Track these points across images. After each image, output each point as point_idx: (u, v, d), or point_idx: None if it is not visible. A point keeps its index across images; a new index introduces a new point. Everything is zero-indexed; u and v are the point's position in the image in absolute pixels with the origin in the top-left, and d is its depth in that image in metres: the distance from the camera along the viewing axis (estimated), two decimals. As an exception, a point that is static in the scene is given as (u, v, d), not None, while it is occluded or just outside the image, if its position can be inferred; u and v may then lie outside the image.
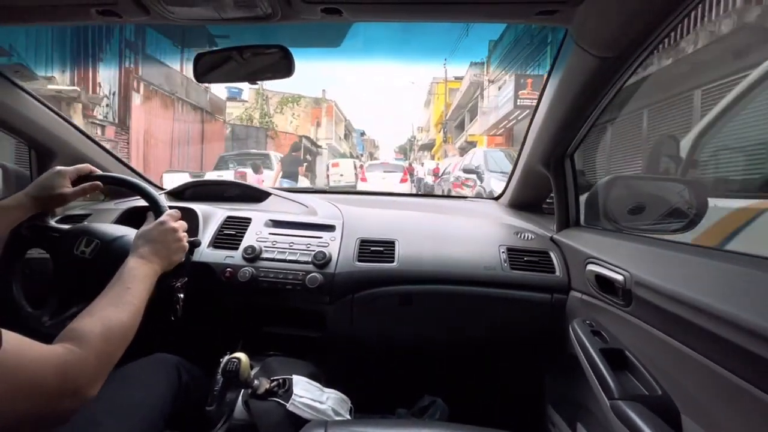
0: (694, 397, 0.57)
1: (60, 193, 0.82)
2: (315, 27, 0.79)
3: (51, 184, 0.81)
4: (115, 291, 0.64)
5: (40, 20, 0.86)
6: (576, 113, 0.91)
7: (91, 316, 0.57)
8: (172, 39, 11.47)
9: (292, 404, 0.77)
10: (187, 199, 1.37)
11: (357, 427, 0.65)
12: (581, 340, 0.79)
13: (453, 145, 21.71)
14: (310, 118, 22.47)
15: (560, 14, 0.69)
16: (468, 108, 19.77)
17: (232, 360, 0.78)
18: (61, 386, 0.48)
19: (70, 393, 0.49)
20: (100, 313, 0.58)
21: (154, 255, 0.73)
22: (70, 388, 0.49)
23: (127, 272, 0.67)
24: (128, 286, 0.65)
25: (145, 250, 0.73)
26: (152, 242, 0.74)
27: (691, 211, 0.92)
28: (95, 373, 0.53)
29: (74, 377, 0.50)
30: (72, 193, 0.84)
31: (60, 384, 0.48)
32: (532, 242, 1.11)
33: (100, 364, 0.54)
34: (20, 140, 1.17)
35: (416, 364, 1.31)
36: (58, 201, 0.84)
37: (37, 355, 0.47)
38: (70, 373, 0.49)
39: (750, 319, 0.46)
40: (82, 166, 0.87)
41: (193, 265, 1.00)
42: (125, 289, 0.64)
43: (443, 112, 23.48)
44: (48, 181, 0.82)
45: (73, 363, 0.50)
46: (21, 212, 0.80)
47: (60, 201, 0.84)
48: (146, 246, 0.74)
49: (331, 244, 1.08)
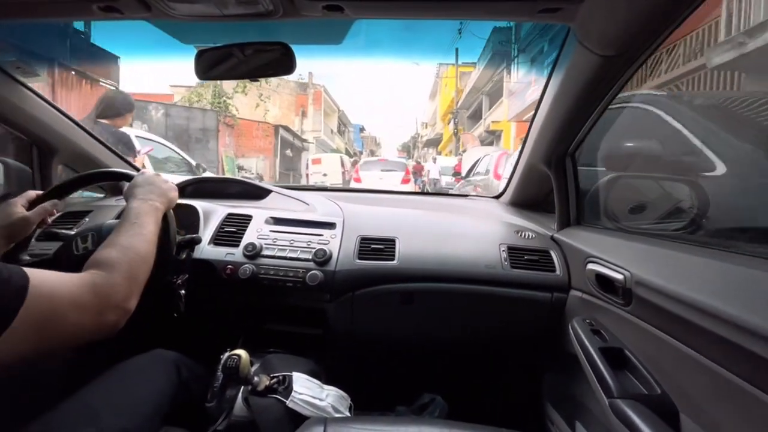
0: (692, 397, 0.57)
1: (20, 217, 0.79)
2: (316, 24, 0.79)
3: (5, 213, 0.79)
4: (125, 227, 0.67)
5: (41, 16, 0.86)
6: (578, 112, 0.91)
7: (109, 246, 0.62)
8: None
9: (291, 401, 0.77)
10: (188, 196, 1.37)
11: (356, 424, 0.65)
12: (581, 338, 0.79)
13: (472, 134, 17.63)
14: (295, 107, 18.65)
15: (563, 12, 0.69)
16: (487, 91, 16.41)
17: (232, 357, 0.78)
18: (99, 304, 0.54)
19: (109, 308, 0.55)
20: (117, 243, 0.63)
21: (151, 194, 0.76)
22: (109, 305, 0.55)
23: (130, 212, 0.71)
24: (135, 221, 0.68)
25: (141, 192, 0.76)
26: (143, 185, 0.78)
27: (692, 210, 0.92)
28: (127, 290, 0.58)
29: (108, 294, 0.55)
30: (34, 214, 0.82)
31: (98, 302, 0.53)
32: (532, 241, 1.11)
33: (129, 283, 0.59)
34: (22, 136, 1.18)
35: (416, 362, 1.31)
36: (22, 226, 0.81)
37: (68, 281, 0.53)
38: (104, 292, 0.55)
39: (750, 318, 0.46)
40: (27, 193, 0.84)
41: (193, 262, 1.00)
42: (133, 224, 0.68)
43: (453, 100, 19.32)
44: (1, 212, 0.79)
45: (103, 284, 0.55)
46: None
47: (24, 226, 0.81)
48: (140, 189, 0.77)
49: (331, 242, 1.08)
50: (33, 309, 0.46)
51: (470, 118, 20.44)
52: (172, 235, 0.86)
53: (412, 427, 0.66)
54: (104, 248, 0.62)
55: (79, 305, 0.51)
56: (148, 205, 0.74)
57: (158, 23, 0.93)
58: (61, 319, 0.50)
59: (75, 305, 0.51)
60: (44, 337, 0.48)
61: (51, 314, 0.49)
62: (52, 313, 0.49)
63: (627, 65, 0.75)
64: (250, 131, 13.49)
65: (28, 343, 0.47)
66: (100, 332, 0.54)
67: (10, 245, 0.81)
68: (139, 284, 0.62)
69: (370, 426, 0.65)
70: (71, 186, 0.90)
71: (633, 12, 0.64)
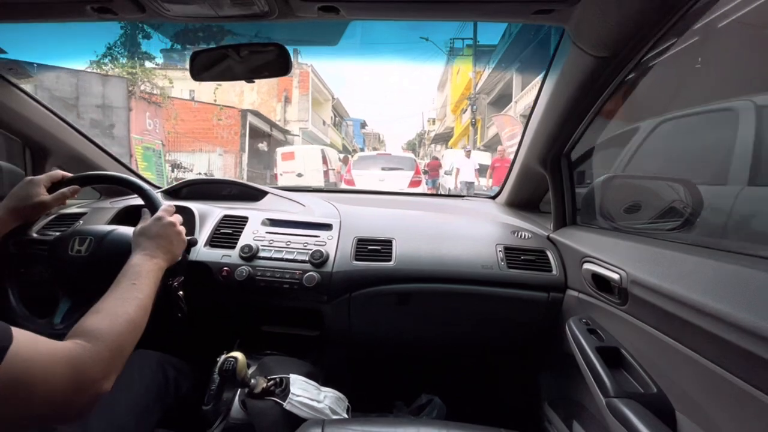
0: (688, 395, 0.58)
1: (38, 201, 0.79)
2: (312, 25, 0.79)
3: (27, 193, 0.79)
4: (120, 288, 0.64)
5: (35, 17, 0.85)
6: (573, 112, 0.92)
7: (98, 312, 0.57)
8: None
9: (289, 403, 0.77)
10: (184, 198, 1.37)
11: (354, 425, 0.65)
12: (577, 338, 0.79)
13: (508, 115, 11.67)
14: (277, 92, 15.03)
15: (557, 13, 0.70)
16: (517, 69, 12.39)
17: (228, 359, 0.77)
18: (75, 380, 0.48)
19: (84, 387, 0.49)
20: (108, 310, 0.58)
21: (158, 250, 0.73)
22: (85, 382, 0.49)
23: (131, 269, 0.67)
24: (133, 282, 0.65)
25: (148, 246, 0.73)
26: (154, 238, 0.74)
27: (686, 209, 0.92)
28: (108, 366, 0.53)
29: (87, 372, 0.49)
30: (52, 199, 0.82)
31: (74, 378, 0.48)
32: (529, 241, 1.12)
33: (112, 357, 0.54)
34: (15, 138, 1.17)
35: (414, 363, 1.31)
36: (38, 210, 0.82)
37: (48, 351, 0.47)
38: (82, 367, 0.49)
39: (745, 317, 0.46)
40: (53, 173, 0.84)
41: (189, 264, 1.00)
42: (131, 285, 0.64)
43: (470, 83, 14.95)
44: (23, 191, 0.79)
45: (85, 358, 0.50)
46: (1, 226, 0.78)
47: (40, 210, 0.82)
48: (148, 242, 0.73)
49: (328, 243, 1.08)
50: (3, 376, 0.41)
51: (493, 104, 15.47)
52: None
53: (410, 428, 0.66)
54: (93, 314, 0.57)
55: (51, 383, 0.45)
56: (153, 263, 0.70)
57: (152, 24, 0.93)
58: (29, 395, 0.43)
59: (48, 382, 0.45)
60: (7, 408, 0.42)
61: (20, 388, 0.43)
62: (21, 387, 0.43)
63: (621, 66, 0.76)
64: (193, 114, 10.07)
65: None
66: (67, 415, 0.49)
67: (19, 223, 0.81)
68: (124, 358, 0.57)
69: (367, 427, 0.65)
70: (97, 179, 0.91)
71: (626, 13, 0.65)
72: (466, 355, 1.28)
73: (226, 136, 11.04)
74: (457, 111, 20.88)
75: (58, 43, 12.22)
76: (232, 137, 11.06)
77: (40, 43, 9.67)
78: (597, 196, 1.08)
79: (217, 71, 0.92)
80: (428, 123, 35.49)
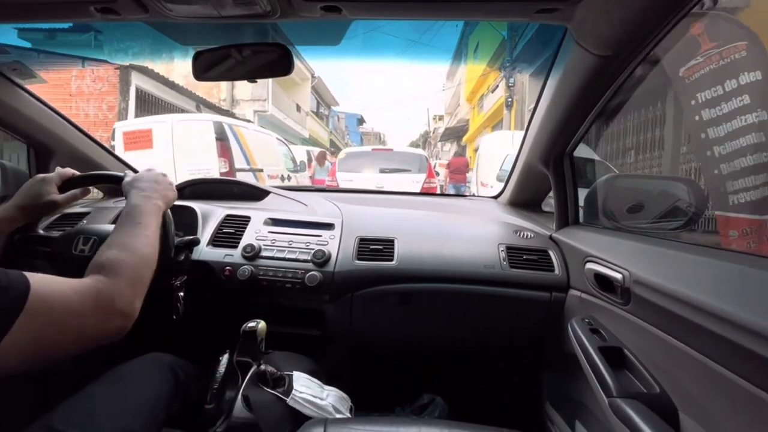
0: (692, 395, 0.57)
1: (50, 200, 0.80)
2: (314, 25, 0.79)
3: (38, 192, 0.79)
4: (127, 227, 0.66)
5: (38, 18, 0.85)
6: (575, 112, 0.91)
7: (112, 248, 0.60)
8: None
9: (292, 399, 0.77)
10: (186, 198, 1.37)
11: (356, 425, 0.65)
12: (580, 338, 0.79)
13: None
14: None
15: (560, 12, 0.69)
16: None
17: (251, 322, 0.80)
18: (103, 312, 0.52)
19: (112, 316, 0.54)
20: (121, 245, 0.61)
21: (155, 192, 0.75)
22: (112, 313, 0.54)
23: (133, 209, 0.69)
24: (138, 221, 0.67)
25: (143, 187, 0.75)
26: (145, 181, 0.77)
27: (689, 209, 0.92)
28: (130, 295, 0.57)
29: (112, 302, 0.54)
30: (63, 199, 0.82)
31: (101, 311, 0.52)
32: (531, 241, 1.11)
33: (132, 287, 0.57)
34: (19, 138, 1.17)
35: (415, 363, 1.31)
36: (48, 208, 0.82)
37: (69, 288, 0.51)
38: (107, 298, 0.53)
39: (748, 317, 0.46)
40: (64, 171, 0.84)
41: (192, 264, 1.00)
42: (136, 224, 0.66)
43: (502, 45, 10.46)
44: (34, 189, 0.79)
45: (107, 290, 0.54)
46: (8, 223, 0.78)
47: (50, 208, 0.82)
48: (143, 184, 0.76)
49: (330, 243, 1.08)
50: (32, 317, 0.45)
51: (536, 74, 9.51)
52: (171, 236, 0.85)
53: (412, 427, 0.66)
54: (108, 249, 0.60)
55: (80, 313, 0.50)
56: (152, 203, 0.72)
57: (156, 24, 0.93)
58: (62, 327, 0.48)
59: (77, 313, 0.50)
60: (44, 345, 0.47)
61: (51, 322, 0.47)
62: (52, 321, 0.47)
63: (624, 65, 0.76)
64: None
65: (28, 351, 0.46)
66: (105, 338, 0.53)
67: (27, 220, 0.81)
68: (144, 287, 0.60)
69: (370, 427, 0.65)
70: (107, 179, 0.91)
71: (629, 12, 0.65)
72: (468, 354, 1.28)
73: (96, 112, 6.47)
74: (474, 99, 16.12)
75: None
76: (104, 116, 6.42)
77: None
78: (599, 195, 1.08)
79: (219, 71, 0.92)
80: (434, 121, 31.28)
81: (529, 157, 1.17)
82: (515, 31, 9.69)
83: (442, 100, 26.46)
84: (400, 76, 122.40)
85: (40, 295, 0.47)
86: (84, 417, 0.61)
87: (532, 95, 9.56)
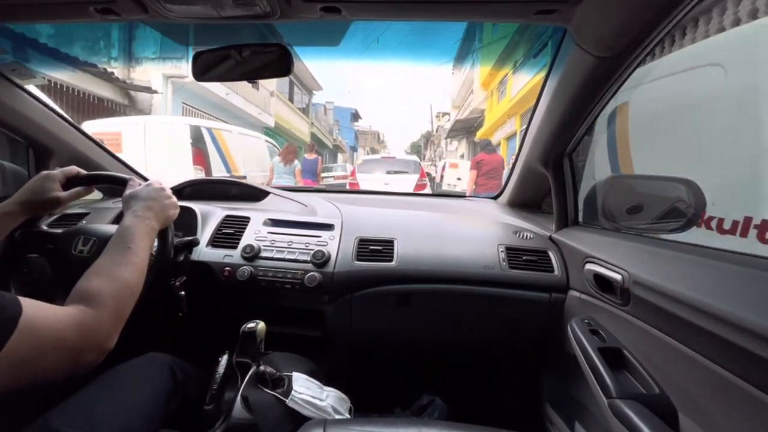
0: (691, 396, 0.57)
1: (53, 196, 0.79)
2: (314, 25, 0.79)
3: (42, 188, 0.79)
4: (117, 251, 0.64)
5: (38, 18, 0.85)
6: (575, 113, 0.91)
7: (98, 275, 0.59)
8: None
9: (291, 400, 0.77)
10: (186, 198, 1.37)
11: (355, 426, 0.65)
12: (579, 339, 0.79)
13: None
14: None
15: (559, 13, 0.69)
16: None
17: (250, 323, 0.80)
18: (83, 342, 0.52)
19: (91, 348, 0.53)
20: (107, 273, 0.60)
21: (149, 211, 0.74)
22: (91, 344, 0.53)
23: (125, 231, 0.68)
24: (129, 246, 0.65)
25: (140, 207, 0.73)
26: (144, 200, 0.75)
27: (689, 210, 0.92)
28: (110, 328, 0.56)
29: (92, 334, 0.53)
30: (66, 196, 0.82)
31: (81, 341, 0.52)
32: (530, 241, 1.11)
33: (113, 321, 0.56)
34: (18, 139, 1.17)
35: (415, 363, 1.31)
36: (51, 205, 0.82)
37: (55, 317, 0.51)
38: (88, 331, 0.52)
39: (748, 318, 0.46)
40: (68, 169, 0.84)
41: (191, 264, 1.00)
42: (126, 248, 0.65)
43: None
44: (38, 186, 0.79)
45: (89, 323, 0.53)
46: (11, 219, 0.78)
47: (53, 205, 0.82)
48: (140, 203, 0.74)
49: (329, 243, 1.08)
50: (20, 342, 0.45)
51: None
52: (171, 238, 0.85)
53: (411, 428, 0.66)
54: (95, 276, 0.59)
55: (61, 345, 0.49)
56: (145, 225, 0.71)
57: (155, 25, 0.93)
58: (44, 354, 0.48)
59: (58, 344, 0.49)
60: (25, 369, 0.46)
61: (36, 347, 0.47)
62: (36, 347, 0.47)
63: (623, 66, 0.76)
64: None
65: (10, 376, 0.45)
66: (79, 369, 0.53)
67: (29, 216, 0.81)
68: (124, 319, 0.59)
69: (369, 427, 0.65)
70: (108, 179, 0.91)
71: (628, 13, 0.65)
72: (467, 355, 1.28)
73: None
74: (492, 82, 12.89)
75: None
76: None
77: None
78: (599, 196, 1.08)
79: (219, 71, 0.92)
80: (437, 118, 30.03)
81: (528, 157, 1.17)
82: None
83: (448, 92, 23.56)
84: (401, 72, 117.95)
85: (30, 321, 0.46)
86: (83, 417, 0.61)
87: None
